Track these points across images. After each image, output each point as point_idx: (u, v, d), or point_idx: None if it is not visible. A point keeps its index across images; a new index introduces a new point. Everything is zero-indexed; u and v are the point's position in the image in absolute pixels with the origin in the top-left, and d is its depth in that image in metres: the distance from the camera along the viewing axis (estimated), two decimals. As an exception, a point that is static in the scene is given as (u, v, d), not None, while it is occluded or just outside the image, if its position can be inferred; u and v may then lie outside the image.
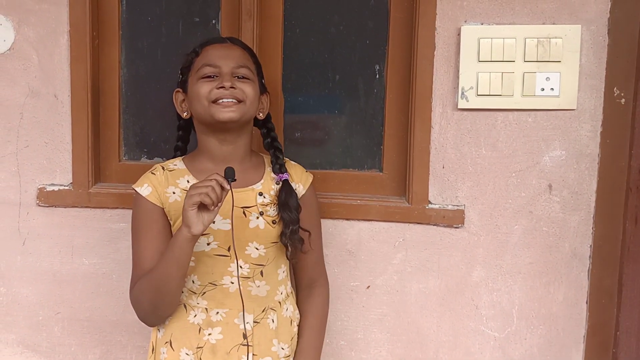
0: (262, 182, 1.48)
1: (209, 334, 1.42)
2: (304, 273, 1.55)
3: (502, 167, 1.62)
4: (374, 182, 1.72)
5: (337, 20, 1.71)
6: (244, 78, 1.43)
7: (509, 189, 1.63)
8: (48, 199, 1.74)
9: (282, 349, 1.47)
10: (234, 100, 1.40)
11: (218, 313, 1.42)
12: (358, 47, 1.71)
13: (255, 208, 1.44)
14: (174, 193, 1.44)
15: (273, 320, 1.46)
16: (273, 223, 1.45)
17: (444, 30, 1.59)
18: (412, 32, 1.63)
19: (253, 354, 1.42)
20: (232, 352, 1.41)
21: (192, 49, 1.48)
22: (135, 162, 1.79)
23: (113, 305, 1.77)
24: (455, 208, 1.64)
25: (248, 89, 1.42)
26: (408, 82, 1.66)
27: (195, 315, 1.43)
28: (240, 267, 1.42)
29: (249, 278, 1.43)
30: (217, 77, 1.41)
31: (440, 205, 1.65)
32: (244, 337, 1.41)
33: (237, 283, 1.41)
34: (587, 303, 1.64)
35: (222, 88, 1.39)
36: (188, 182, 1.44)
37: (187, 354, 1.42)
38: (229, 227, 1.39)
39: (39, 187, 1.74)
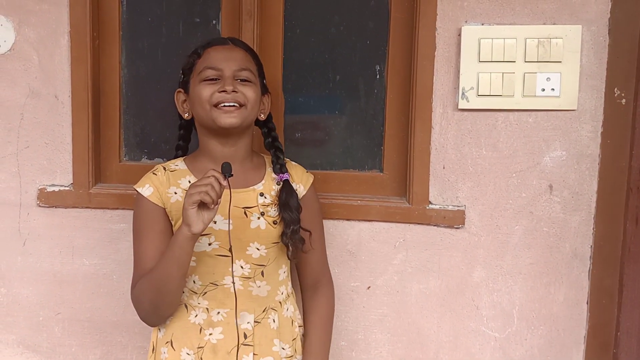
0: (263, 182, 1.48)
1: (210, 334, 1.42)
2: (307, 273, 1.56)
3: (502, 167, 1.62)
4: (375, 182, 1.72)
5: (337, 21, 1.71)
6: (246, 81, 1.43)
7: (510, 190, 1.63)
8: (48, 200, 1.74)
9: (283, 349, 1.47)
10: (236, 105, 1.40)
11: (219, 313, 1.42)
12: (358, 47, 1.71)
13: (256, 208, 1.44)
14: (176, 193, 1.44)
15: (274, 320, 1.46)
16: (274, 223, 1.45)
17: (445, 31, 1.59)
18: (412, 32, 1.63)
19: (254, 354, 1.42)
20: (232, 351, 1.41)
21: (194, 50, 1.48)
22: (136, 162, 1.78)
23: (113, 306, 1.77)
24: (456, 208, 1.64)
25: (250, 93, 1.42)
26: (408, 82, 1.66)
27: (196, 315, 1.43)
28: (241, 267, 1.43)
29: (250, 278, 1.43)
30: (218, 79, 1.41)
31: (441, 206, 1.65)
32: (236, 332, 1.41)
33: (237, 282, 1.41)
34: (587, 303, 1.64)
35: (223, 92, 1.39)
36: (189, 182, 1.44)
37: (187, 354, 1.42)
38: (231, 227, 1.40)
39: (40, 187, 1.74)
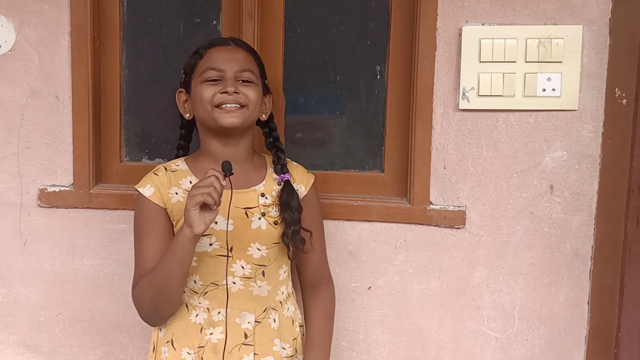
0: (264, 183, 1.48)
1: (211, 334, 1.42)
2: (308, 273, 1.56)
3: (503, 167, 1.62)
4: (375, 182, 1.72)
5: (338, 21, 1.71)
6: (248, 81, 1.43)
7: (510, 190, 1.62)
8: (49, 200, 1.74)
9: (283, 349, 1.47)
10: (237, 105, 1.40)
11: (219, 313, 1.42)
12: (359, 47, 1.71)
13: (257, 209, 1.44)
14: (177, 194, 1.44)
15: (275, 320, 1.46)
16: (275, 224, 1.45)
17: (445, 31, 1.59)
18: (413, 32, 1.63)
19: (255, 354, 1.42)
20: (233, 351, 1.41)
21: (195, 50, 1.48)
22: (136, 162, 1.78)
23: (114, 306, 1.77)
24: (457, 209, 1.64)
25: (251, 94, 1.42)
26: (409, 82, 1.66)
27: (197, 315, 1.43)
28: (242, 267, 1.43)
29: (251, 278, 1.43)
30: (220, 80, 1.41)
31: (442, 206, 1.65)
32: (225, 330, 1.41)
33: (238, 282, 1.42)
34: (588, 304, 1.64)
35: (225, 93, 1.39)
36: (190, 182, 1.44)
37: (188, 353, 1.42)
38: (232, 227, 1.40)
39: (40, 188, 1.74)
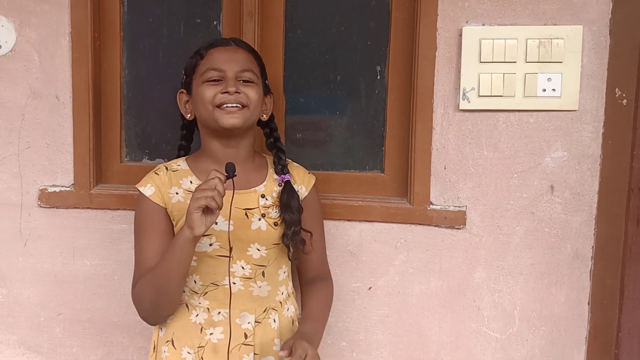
0: (264, 183, 1.48)
1: (211, 334, 1.42)
2: (308, 274, 1.56)
3: (503, 168, 1.62)
4: (376, 183, 1.72)
5: (338, 21, 1.71)
6: (248, 82, 1.43)
7: (511, 190, 1.62)
8: (49, 200, 1.74)
9: (283, 349, 1.47)
10: (238, 105, 1.40)
11: (220, 313, 1.42)
12: (359, 47, 1.71)
13: (258, 210, 1.44)
14: (177, 194, 1.44)
15: (275, 320, 1.46)
16: (275, 225, 1.45)
17: (446, 31, 1.59)
18: (413, 32, 1.63)
19: (255, 354, 1.42)
20: (233, 351, 1.41)
21: (196, 50, 1.48)
22: (137, 163, 1.78)
23: (115, 307, 1.77)
24: (457, 209, 1.64)
25: (252, 94, 1.42)
26: (409, 83, 1.66)
27: (197, 315, 1.43)
28: (242, 267, 1.43)
29: (251, 279, 1.43)
30: (221, 80, 1.41)
31: (442, 206, 1.65)
32: (229, 330, 1.40)
33: (238, 283, 1.42)
34: (589, 304, 1.64)
35: (226, 93, 1.39)
36: (191, 182, 1.45)
37: (188, 353, 1.42)
38: (232, 228, 1.40)
39: (41, 188, 1.74)
